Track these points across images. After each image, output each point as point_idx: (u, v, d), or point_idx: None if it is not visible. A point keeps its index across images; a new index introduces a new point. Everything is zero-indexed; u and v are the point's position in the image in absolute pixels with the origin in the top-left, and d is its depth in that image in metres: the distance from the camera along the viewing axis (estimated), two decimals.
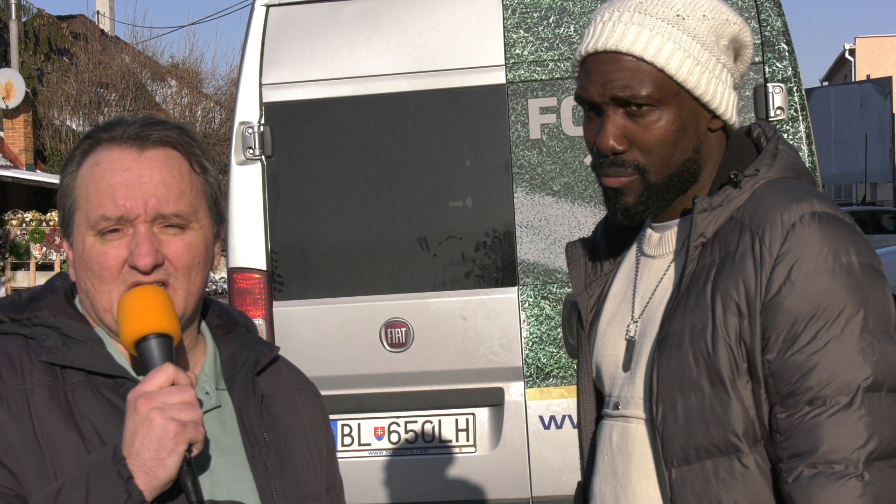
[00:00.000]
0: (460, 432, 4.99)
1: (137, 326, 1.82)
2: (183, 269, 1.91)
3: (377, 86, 4.98)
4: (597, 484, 2.22)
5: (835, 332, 1.93)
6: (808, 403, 1.93)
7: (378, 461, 5.03)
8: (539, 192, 4.90)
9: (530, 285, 4.90)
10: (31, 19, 34.23)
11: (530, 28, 4.92)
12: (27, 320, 1.93)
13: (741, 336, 1.99)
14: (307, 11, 5.05)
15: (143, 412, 1.74)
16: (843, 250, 1.97)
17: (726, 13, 2.10)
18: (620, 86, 2.05)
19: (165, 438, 1.73)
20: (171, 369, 1.78)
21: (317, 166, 5.01)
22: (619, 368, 2.20)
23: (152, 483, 1.74)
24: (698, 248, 2.07)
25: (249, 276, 4.99)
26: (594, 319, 2.29)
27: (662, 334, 2.06)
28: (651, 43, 2.04)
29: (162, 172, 1.90)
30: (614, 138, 2.07)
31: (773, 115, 4.71)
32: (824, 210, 2.00)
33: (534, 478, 4.91)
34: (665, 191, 2.10)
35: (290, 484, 1.99)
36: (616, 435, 2.18)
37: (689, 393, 2.02)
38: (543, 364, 4.90)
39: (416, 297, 4.95)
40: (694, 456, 2.03)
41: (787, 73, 4.77)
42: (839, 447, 1.90)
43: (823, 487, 1.90)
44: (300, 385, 2.16)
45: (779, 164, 2.11)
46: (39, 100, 31.60)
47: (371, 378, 4.99)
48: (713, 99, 2.08)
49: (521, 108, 4.91)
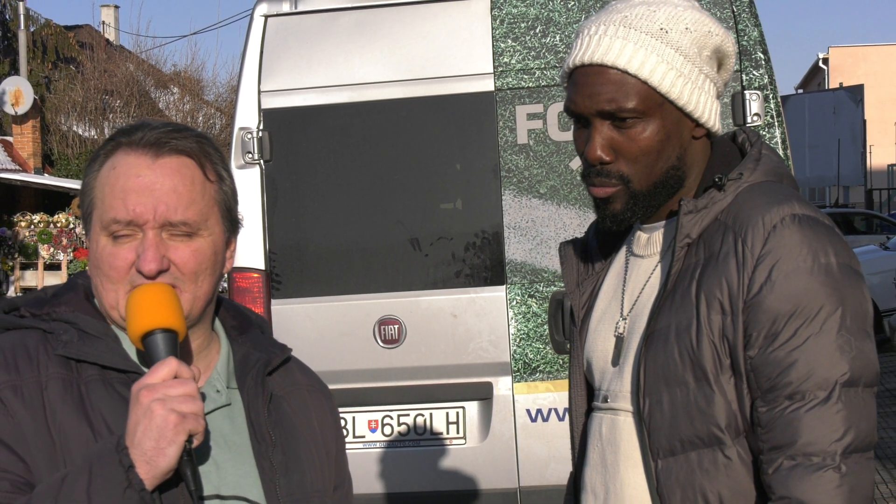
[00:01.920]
0: (451, 425, 4.98)
1: (144, 321, 1.82)
2: (189, 274, 1.90)
3: (371, 93, 4.97)
4: (587, 474, 2.22)
5: (813, 329, 1.94)
6: (787, 398, 1.93)
7: (372, 453, 5.02)
8: (526, 194, 4.90)
9: (518, 284, 4.90)
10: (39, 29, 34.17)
11: (518, 38, 4.92)
12: (46, 315, 1.93)
13: (724, 333, 1.99)
14: (304, 22, 5.05)
15: (145, 403, 1.74)
16: (822, 251, 1.97)
17: (708, 25, 2.09)
18: (606, 99, 2.05)
19: (166, 429, 1.73)
20: (173, 363, 1.78)
21: (313, 170, 5.01)
22: (608, 363, 2.20)
23: (153, 472, 1.73)
24: (684, 249, 2.07)
25: (248, 275, 4.99)
26: (585, 316, 2.30)
27: (649, 331, 2.07)
28: (635, 56, 2.04)
29: (174, 180, 1.89)
30: (601, 149, 2.07)
31: (749, 121, 4.71)
32: (804, 212, 2.01)
33: (521, 468, 4.91)
34: (650, 198, 2.11)
35: (295, 481, 1.98)
36: (605, 427, 2.18)
37: (675, 387, 2.03)
38: (530, 360, 4.90)
39: (409, 295, 4.95)
40: (679, 447, 2.03)
41: (764, 80, 4.78)
42: (817, 440, 1.91)
43: (802, 478, 1.91)
44: (311, 386, 2.16)
45: (762, 169, 2.11)
46: (47, 106, 31.54)
47: (365, 373, 4.99)
48: (696, 108, 2.08)
49: (508, 115, 4.91)
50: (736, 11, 4.78)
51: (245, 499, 1.91)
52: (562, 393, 4.86)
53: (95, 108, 32.05)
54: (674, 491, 2.03)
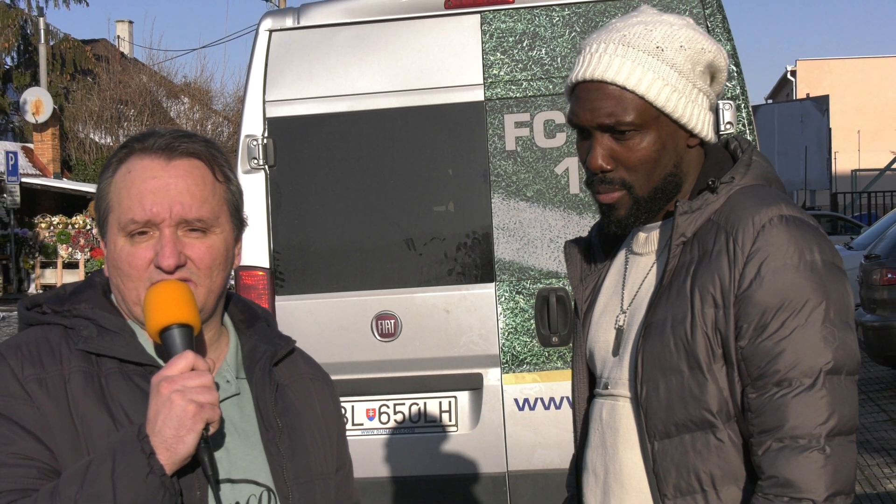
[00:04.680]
0: (444, 413, 4.98)
1: (161, 317, 1.83)
2: (205, 269, 1.91)
3: (369, 102, 4.97)
4: (588, 455, 2.25)
5: (799, 321, 1.96)
6: (775, 385, 1.96)
7: (370, 439, 5.02)
8: (514, 197, 4.90)
9: (506, 281, 4.90)
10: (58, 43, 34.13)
11: (506, 51, 4.92)
12: (67, 312, 1.93)
13: (717, 325, 2.02)
14: (306, 36, 5.04)
15: (165, 394, 1.74)
16: (808, 249, 2.00)
17: (702, 42, 2.11)
18: (606, 113, 2.07)
19: (185, 418, 1.74)
20: (190, 356, 1.79)
21: (314, 174, 5.00)
22: (609, 353, 2.22)
23: (172, 458, 1.74)
24: (679, 247, 2.10)
25: (254, 273, 4.98)
26: (588, 310, 2.32)
27: (647, 323, 2.10)
28: (633, 73, 2.06)
29: (187, 181, 1.90)
30: (602, 159, 2.10)
31: (723, 129, 4.72)
32: (791, 213, 2.03)
33: (509, 454, 4.91)
34: (651, 203, 2.13)
35: (300, 465, 1.99)
36: (606, 412, 2.21)
37: (670, 375, 2.05)
38: (518, 352, 4.90)
39: (404, 291, 4.95)
40: (674, 430, 2.06)
41: (736, 91, 4.79)
42: (803, 424, 1.94)
43: (789, 459, 1.94)
44: (314, 375, 2.17)
45: (752, 173, 2.14)
46: (66, 115, 31.52)
47: (363, 365, 4.98)
48: (690, 120, 2.10)
49: (497, 123, 4.91)
50: (710, 27, 4.79)
51: (255, 482, 1.91)
52: (547, 383, 4.87)
53: (111, 117, 32.03)
54: (669, 471, 2.06)
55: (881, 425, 9.63)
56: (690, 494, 2.05)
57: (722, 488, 2.04)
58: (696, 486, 2.04)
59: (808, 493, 1.91)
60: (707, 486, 2.04)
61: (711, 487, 2.04)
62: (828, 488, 1.92)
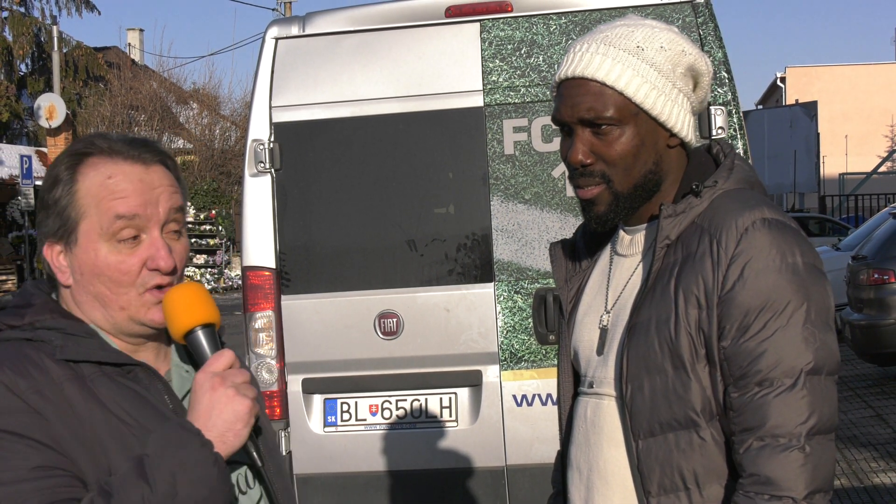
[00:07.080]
0: (444, 409, 4.98)
1: (188, 319, 1.82)
2: (181, 268, 1.93)
3: (372, 108, 4.97)
4: (573, 452, 2.23)
5: (781, 322, 1.94)
6: (757, 384, 1.94)
7: (373, 434, 5.01)
8: (512, 200, 4.90)
9: (505, 281, 4.90)
10: (70, 50, 34.15)
11: (505, 58, 4.92)
12: (29, 325, 1.85)
13: (700, 325, 2.00)
14: (311, 43, 5.04)
15: (220, 391, 1.75)
16: (790, 252, 1.98)
17: (682, 45, 2.10)
18: (586, 108, 2.06)
19: (242, 413, 1.76)
20: (230, 354, 1.81)
21: (319, 178, 5.00)
22: (593, 352, 2.20)
23: (227, 450, 1.76)
24: (664, 249, 2.07)
25: (261, 273, 4.98)
26: (573, 310, 2.29)
27: (631, 323, 2.07)
28: (612, 70, 2.05)
29: (164, 183, 1.90)
30: (582, 153, 2.09)
31: (714, 134, 4.72)
32: (773, 217, 2.01)
33: (508, 448, 4.90)
34: (630, 199, 2.11)
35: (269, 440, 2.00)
36: (590, 410, 2.18)
37: (655, 374, 2.03)
38: (516, 350, 4.89)
39: (406, 291, 4.94)
40: (658, 429, 2.04)
41: (728, 97, 4.78)
42: (784, 423, 1.92)
43: (770, 457, 1.92)
44: None
45: (735, 177, 2.11)
46: (78, 120, 31.54)
47: (366, 362, 4.98)
48: (668, 119, 2.08)
49: (496, 128, 4.91)
50: (702, 34, 4.78)
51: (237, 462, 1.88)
52: (545, 380, 4.86)
53: (122, 122, 32.05)
54: (653, 468, 2.04)
55: (868, 421, 9.61)
56: (674, 492, 2.02)
57: (705, 486, 2.01)
58: (679, 483, 2.02)
59: (789, 491, 1.89)
60: (690, 484, 2.01)
61: (695, 485, 2.01)
62: (807, 486, 1.90)
